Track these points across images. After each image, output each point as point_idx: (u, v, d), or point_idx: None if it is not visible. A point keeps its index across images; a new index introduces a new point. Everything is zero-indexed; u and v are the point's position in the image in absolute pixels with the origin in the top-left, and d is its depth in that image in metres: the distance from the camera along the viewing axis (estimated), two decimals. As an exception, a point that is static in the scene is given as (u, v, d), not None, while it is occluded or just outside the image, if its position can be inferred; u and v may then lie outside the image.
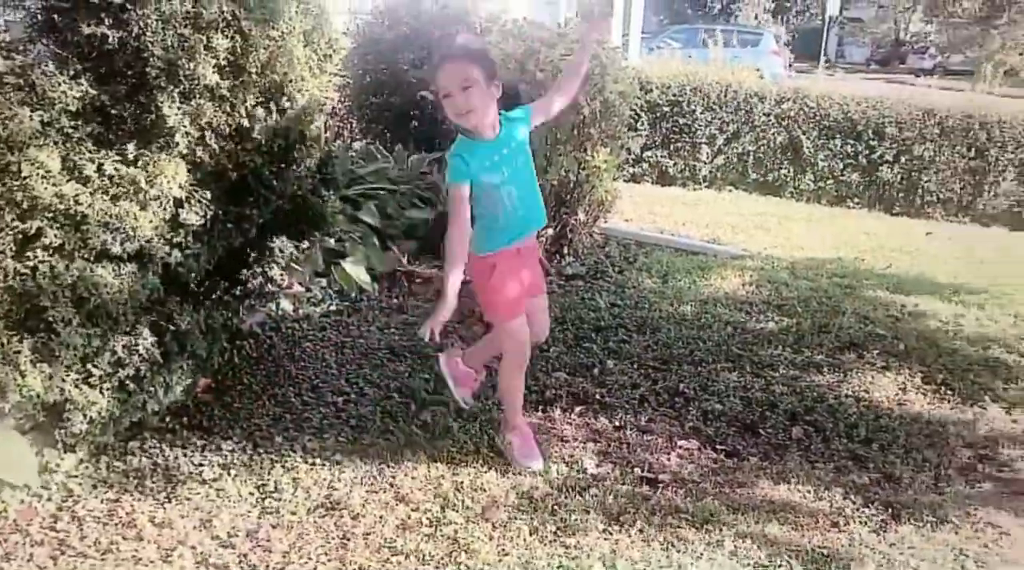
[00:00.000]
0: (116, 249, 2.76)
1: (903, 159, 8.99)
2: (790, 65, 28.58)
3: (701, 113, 9.23)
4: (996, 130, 8.76)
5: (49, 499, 2.78)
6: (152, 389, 2.99)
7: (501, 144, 2.88)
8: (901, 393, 3.90)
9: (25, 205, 2.56)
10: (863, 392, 3.87)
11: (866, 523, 2.87)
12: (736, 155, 9.34)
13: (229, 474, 2.95)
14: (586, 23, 3.07)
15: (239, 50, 2.85)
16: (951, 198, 8.99)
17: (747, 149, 9.30)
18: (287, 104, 3.10)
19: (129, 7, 2.63)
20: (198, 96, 2.82)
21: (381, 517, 2.76)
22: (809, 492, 3.04)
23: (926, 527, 2.87)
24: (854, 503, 2.98)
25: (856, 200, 9.17)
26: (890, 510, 2.94)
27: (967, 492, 3.13)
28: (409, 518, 2.77)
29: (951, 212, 9.00)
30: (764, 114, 9.19)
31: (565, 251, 5.63)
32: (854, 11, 40.74)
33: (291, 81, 3.07)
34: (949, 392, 3.93)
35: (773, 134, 9.21)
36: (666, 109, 9.26)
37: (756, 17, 32.42)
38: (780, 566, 2.62)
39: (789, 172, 9.26)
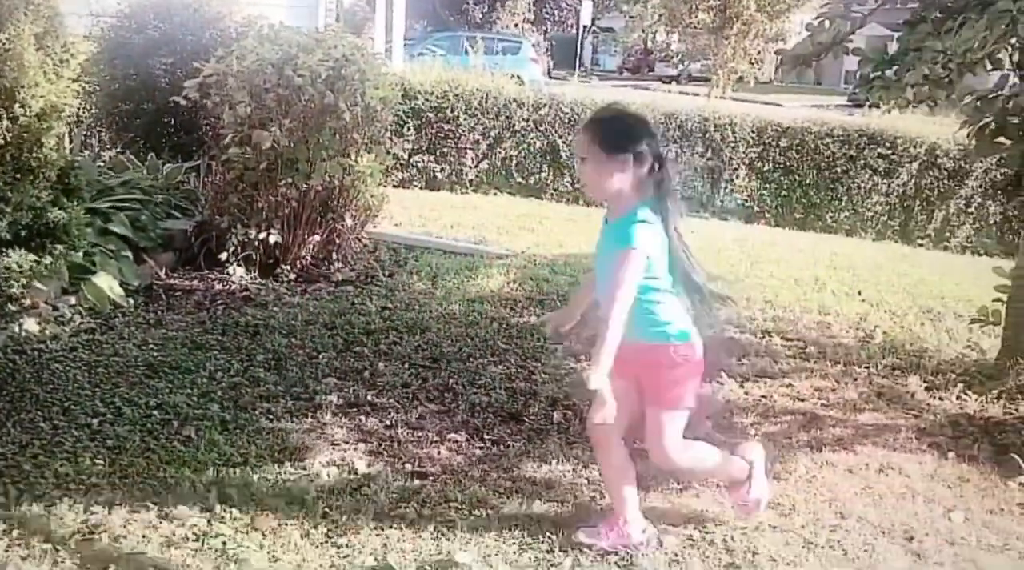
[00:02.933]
0: None
1: (650, 160, 9.66)
2: (549, 72, 29.92)
3: (464, 119, 9.48)
4: (729, 131, 9.62)
5: None
6: None
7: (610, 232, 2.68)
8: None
9: None
10: (617, 376, 4.16)
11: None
12: (499, 159, 9.67)
13: (-32, 509, 2.74)
14: None
15: (-41, 53, 2.67)
16: (693, 195, 9.77)
17: (509, 153, 9.64)
18: (20, 111, 2.92)
19: None
20: (-88, 102, 2.61)
21: (144, 536, 2.67)
22: (568, 471, 3.25)
23: (672, 494, 3.15)
24: (609, 478, 3.21)
25: (611, 199, 9.75)
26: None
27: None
28: (174, 535, 2.69)
29: (693, 208, 9.77)
30: (523, 119, 9.57)
31: (334, 257, 5.61)
32: (607, 21, 43.09)
33: (23, 87, 2.90)
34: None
35: (532, 138, 9.61)
36: (431, 115, 9.42)
37: (516, 26, 33.55)
38: (542, 542, 2.79)
39: (549, 174, 9.70)
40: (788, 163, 9.72)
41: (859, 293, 6.11)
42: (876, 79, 3.92)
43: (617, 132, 2.65)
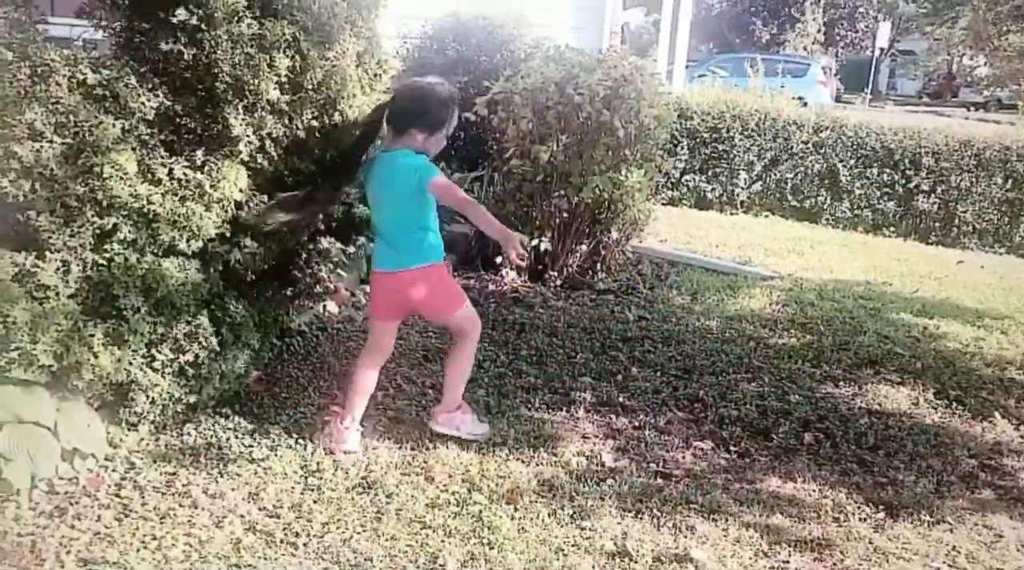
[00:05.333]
0: (182, 246, 3.07)
1: (940, 189, 9.09)
2: (839, 96, 28.65)
3: (740, 140, 9.42)
4: (1033, 162, 8.82)
5: (114, 470, 3.06)
6: (209, 375, 3.28)
7: None
8: (913, 407, 4.07)
9: (104, 203, 2.87)
10: (876, 405, 4.05)
11: (865, 519, 3.05)
12: (774, 181, 9.50)
13: (276, 454, 3.22)
14: None
15: (298, 68, 3.15)
16: (987, 229, 9.04)
17: (785, 176, 9.46)
18: (339, 119, 3.39)
19: (203, 28, 2.94)
20: (260, 109, 3.12)
21: (412, 496, 3.01)
22: (814, 491, 3.23)
23: (923, 526, 3.04)
24: (855, 502, 3.16)
25: (892, 228, 9.27)
26: (889, 509, 3.12)
27: (967, 497, 3.29)
28: (438, 498, 3.01)
29: (987, 242, 9.05)
30: (802, 142, 9.35)
31: (598, 267, 5.86)
32: (907, 44, 40.58)
33: (344, 98, 3.36)
34: (960, 407, 4.10)
35: (811, 162, 9.36)
36: (705, 135, 9.47)
37: (805, 48, 32.46)
38: (779, 553, 2.81)
39: (826, 199, 9.39)
40: (1103, 198, 8.74)
41: None
42: None
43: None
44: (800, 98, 12.00)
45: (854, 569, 2.79)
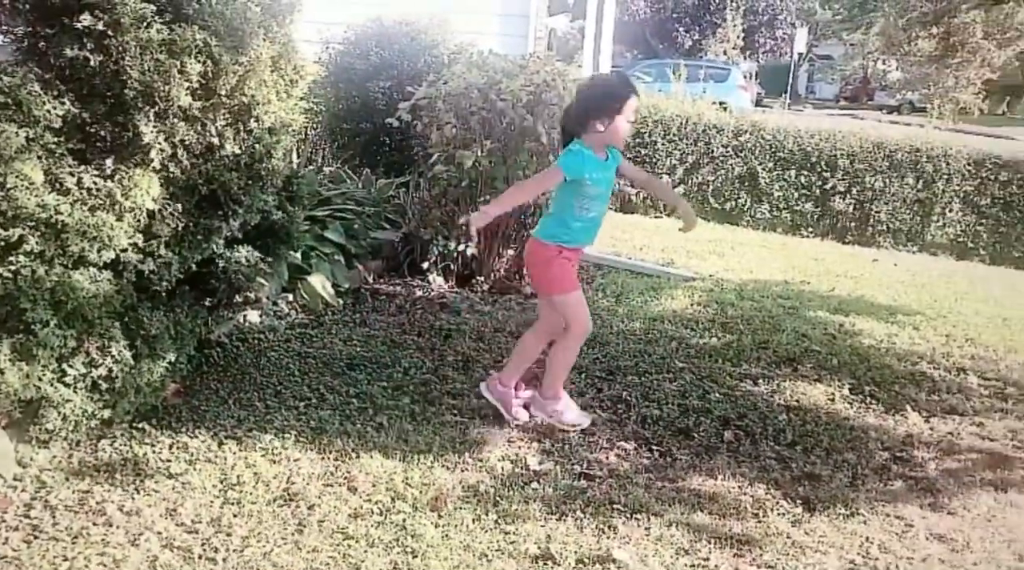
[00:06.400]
0: (93, 256, 2.99)
1: (855, 190, 9.37)
2: (759, 101, 29.31)
3: (662, 144, 9.57)
4: (943, 163, 9.15)
5: (23, 490, 2.96)
6: (124, 389, 3.19)
7: (610, 168, 3.55)
8: (829, 403, 4.18)
9: (9, 214, 2.78)
10: (794, 401, 4.15)
11: (783, 514, 3.13)
12: (696, 185, 9.68)
13: (194, 468, 3.16)
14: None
15: (211, 74, 3.10)
16: (900, 228, 9.35)
17: (707, 179, 9.64)
18: (255, 125, 3.35)
19: (109, 34, 2.87)
20: (172, 116, 3.06)
21: (335, 507, 2.98)
22: (734, 487, 3.30)
23: (838, 519, 3.12)
24: (774, 497, 3.24)
25: (810, 229, 9.53)
26: (807, 504, 3.20)
27: (880, 489, 3.39)
28: (361, 508, 2.99)
29: (900, 241, 9.36)
30: (722, 146, 9.55)
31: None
32: (824, 49, 41.70)
33: (259, 103, 3.32)
34: (874, 402, 4.22)
35: (731, 165, 9.56)
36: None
37: (725, 53, 33.13)
38: (700, 551, 2.86)
39: (746, 201, 9.61)
40: (1008, 198, 9.13)
41: (1078, 337, 5.68)
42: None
43: None
44: (722, 103, 12.25)
45: (773, 564, 2.85)
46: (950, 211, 9.24)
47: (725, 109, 11.88)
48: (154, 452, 3.24)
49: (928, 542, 3.03)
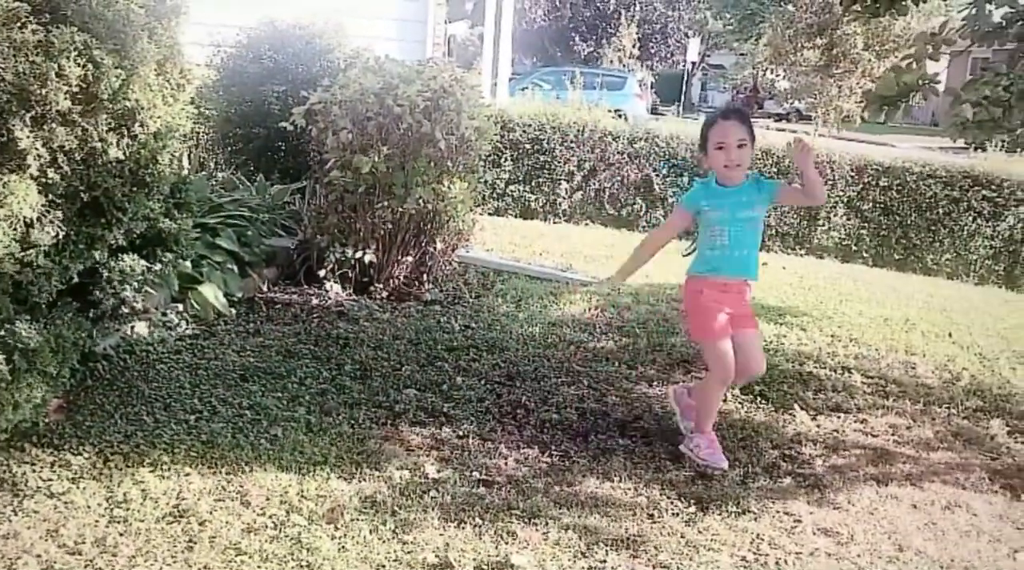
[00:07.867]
0: (-36, 267, 2.84)
1: (746, 196, 9.65)
2: (654, 108, 29.96)
3: (560, 150, 9.69)
4: (827, 169, 9.53)
5: None
6: (0, 406, 3.04)
7: (740, 193, 3.56)
8: (722, 403, 4.29)
9: None
10: (688, 403, 4.24)
11: (677, 514, 3.20)
12: (593, 191, 9.83)
13: (78, 487, 3.02)
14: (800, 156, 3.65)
15: (91, 77, 2.99)
16: (788, 232, 9.70)
17: (603, 185, 9.80)
18: (139, 130, 3.24)
19: (-20, 34, 2.74)
20: (50, 121, 2.94)
21: (227, 522, 2.90)
22: (630, 489, 3.36)
23: (730, 517, 3.21)
24: (668, 498, 3.31)
25: (704, 234, 9.77)
26: (700, 503, 3.28)
27: (770, 486, 3.50)
28: (255, 522, 2.92)
29: (788, 245, 9.71)
30: (618, 152, 9.72)
31: (425, 278, 5.86)
32: (717, 58, 42.94)
33: (143, 108, 3.21)
34: (764, 401, 4.36)
35: (627, 171, 9.74)
36: (527, 146, 9.68)
37: (621, 61, 33.74)
38: (597, 553, 2.90)
39: (642, 207, 9.80)
40: (889, 203, 9.57)
41: (949, 335, 5.99)
42: (981, 122, 3.86)
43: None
44: (618, 110, 12.49)
45: (668, 563, 2.91)
46: (835, 216, 9.63)
47: (622, 117, 12.13)
48: (34, 471, 3.10)
49: (815, 536, 3.15)
